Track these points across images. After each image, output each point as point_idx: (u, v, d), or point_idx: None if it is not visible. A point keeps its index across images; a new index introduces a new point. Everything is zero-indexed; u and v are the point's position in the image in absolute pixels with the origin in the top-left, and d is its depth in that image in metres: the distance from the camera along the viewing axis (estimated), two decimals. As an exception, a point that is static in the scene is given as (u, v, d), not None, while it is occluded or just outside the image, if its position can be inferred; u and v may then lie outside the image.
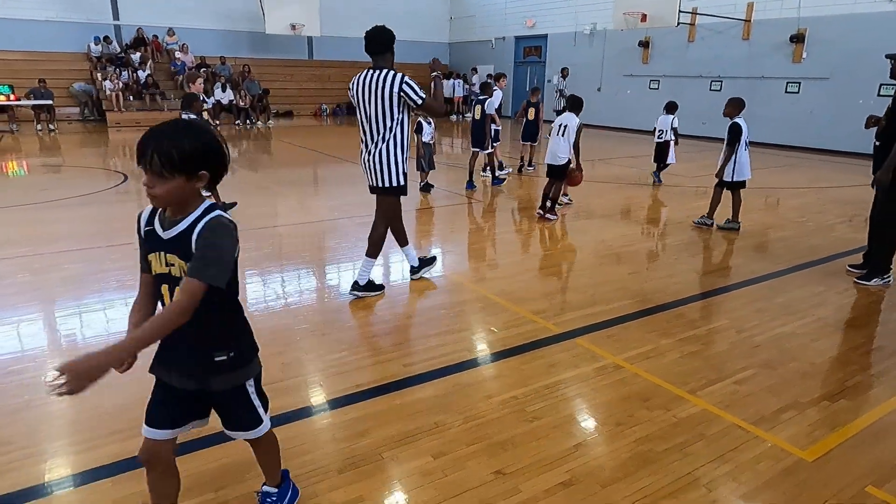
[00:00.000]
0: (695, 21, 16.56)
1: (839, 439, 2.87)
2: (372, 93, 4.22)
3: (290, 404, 3.10)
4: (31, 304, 4.40)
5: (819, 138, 14.42)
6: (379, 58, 4.26)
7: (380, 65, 4.25)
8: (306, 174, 10.80)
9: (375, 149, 4.35)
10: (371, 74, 4.24)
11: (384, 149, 4.33)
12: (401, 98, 4.19)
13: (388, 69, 4.22)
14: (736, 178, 6.74)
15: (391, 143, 4.32)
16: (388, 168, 4.37)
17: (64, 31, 18.60)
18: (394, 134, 4.30)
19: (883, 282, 5.05)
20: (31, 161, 11.59)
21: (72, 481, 2.50)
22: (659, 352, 3.76)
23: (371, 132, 4.35)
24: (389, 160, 4.35)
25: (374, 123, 4.30)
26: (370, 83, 4.22)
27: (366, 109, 4.31)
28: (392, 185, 4.43)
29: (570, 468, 2.61)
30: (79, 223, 6.80)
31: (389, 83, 4.15)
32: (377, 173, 4.41)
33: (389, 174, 4.39)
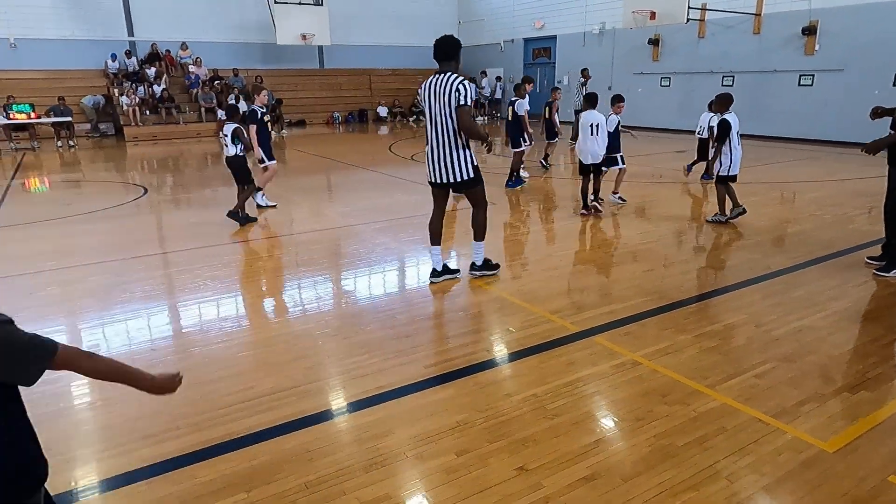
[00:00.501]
0: (704, 17, 16.48)
1: (860, 430, 2.88)
2: (437, 95, 4.53)
3: (315, 407, 3.18)
4: (61, 316, 4.53)
5: (834, 131, 14.26)
6: (444, 63, 4.60)
7: (445, 70, 4.57)
8: (320, 182, 10.93)
9: (440, 149, 4.67)
10: (437, 78, 4.56)
11: (450, 147, 4.64)
12: (455, 94, 4.44)
13: (451, 73, 4.53)
14: (732, 171, 6.80)
15: (455, 141, 4.61)
16: (459, 164, 4.68)
17: (81, 49, 18.98)
18: (458, 132, 4.59)
19: None
20: (54, 177, 11.86)
21: (108, 485, 2.59)
22: (677, 348, 3.79)
23: (436, 132, 4.64)
24: (459, 157, 4.66)
25: (439, 123, 4.60)
26: (435, 86, 4.55)
27: (431, 111, 4.63)
28: (466, 177, 4.74)
29: (592, 463, 2.66)
30: (102, 236, 6.96)
31: (450, 84, 4.46)
32: (451, 171, 4.70)
33: (461, 169, 4.70)
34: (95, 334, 4.20)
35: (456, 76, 4.50)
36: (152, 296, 4.95)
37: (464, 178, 4.73)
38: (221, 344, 3.98)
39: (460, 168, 4.68)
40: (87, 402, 3.27)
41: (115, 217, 8.01)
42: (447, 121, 4.55)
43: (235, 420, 3.01)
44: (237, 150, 7.14)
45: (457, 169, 4.69)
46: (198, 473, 2.61)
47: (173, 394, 1.75)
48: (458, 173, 4.70)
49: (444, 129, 4.59)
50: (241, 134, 7.09)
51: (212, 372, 3.56)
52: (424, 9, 24.95)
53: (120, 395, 3.30)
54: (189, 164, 13.57)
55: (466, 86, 4.45)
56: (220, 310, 4.63)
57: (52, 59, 18.60)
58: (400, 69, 24.91)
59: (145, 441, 2.86)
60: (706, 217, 7.12)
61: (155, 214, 8.36)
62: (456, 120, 4.53)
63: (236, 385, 3.38)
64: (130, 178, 11.55)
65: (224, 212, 7.25)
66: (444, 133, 4.61)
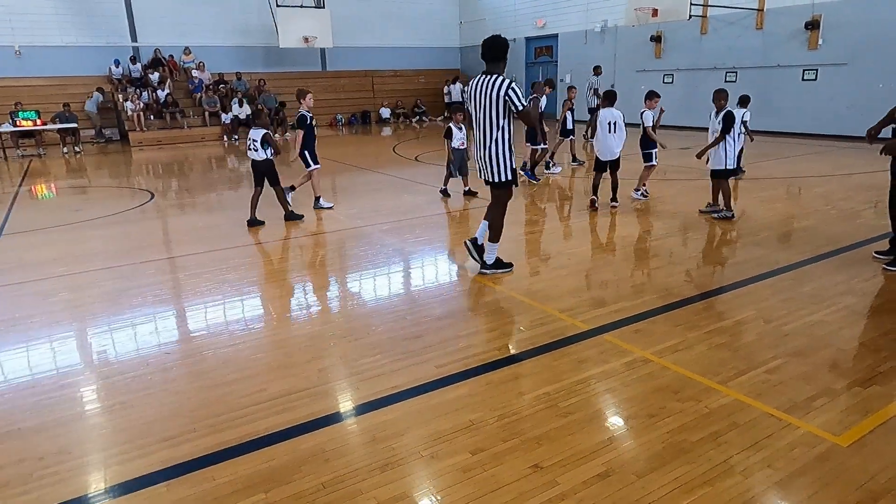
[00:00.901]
0: (707, 13, 16.46)
1: (873, 424, 2.89)
2: (484, 95, 4.68)
3: (330, 408, 3.21)
4: (75, 321, 4.58)
5: (839, 125, 14.22)
6: (492, 65, 4.74)
7: (492, 70, 4.71)
8: (324, 184, 10.95)
9: (485, 148, 4.86)
10: (484, 79, 4.71)
11: (493, 148, 4.82)
12: (506, 102, 4.62)
13: (498, 75, 4.68)
14: (730, 165, 6.87)
15: (500, 142, 4.80)
16: (498, 165, 4.88)
17: (85, 55, 19.09)
18: (502, 133, 4.77)
19: None
20: (61, 183, 11.93)
21: (127, 487, 2.62)
22: (687, 344, 3.80)
23: (482, 131, 4.82)
24: (499, 158, 4.85)
25: (485, 124, 4.77)
26: (482, 86, 4.70)
27: (477, 111, 4.79)
28: (502, 179, 4.93)
29: (606, 460, 2.68)
30: (112, 241, 7.02)
31: (498, 87, 4.61)
32: (490, 169, 4.92)
33: (500, 170, 4.90)
34: (109, 339, 4.24)
35: (503, 80, 4.63)
36: (164, 300, 4.99)
37: (501, 180, 4.94)
38: (234, 346, 4.01)
39: (500, 169, 4.89)
40: (104, 406, 3.31)
41: (123, 222, 8.07)
42: (492, 122, 4.73)
43: (251, 422, 3.05)
44: (267, 154, 7.31)
45: (496, 169, 4.89)
46: (216, 475, 2.64)
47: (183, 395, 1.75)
48: (496, 173, 4.91)
49: (489, 129, 4.77)
50: (270, 139, 7.29)
51: (226, 374, 3.59)
52: (426, 9, 24.98)
53: (137, 398, 3.35)
54: (194, 169, 13.63)
55: (516, 89, 4.62)
56: (232, 313, 4.67)
57: (56, 66, 18.72)
58: (402, 70, 24.95)
59: (163, 443, 2.89)
60: (713, 215, 7.11)
61: (162, 219, 8.41)
62: (506, 121, 4.73)
63: (251, 387, 3.41)
64: (136, 184, 11.61)
65: (230, 215, 7.29)
66: (489, 133, 4.78)
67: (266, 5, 20.86)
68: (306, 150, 7.94)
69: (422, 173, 11.50)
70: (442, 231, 7.17)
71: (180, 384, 3.53)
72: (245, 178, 12.20)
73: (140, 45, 20.11)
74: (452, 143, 8.33)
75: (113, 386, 3.53)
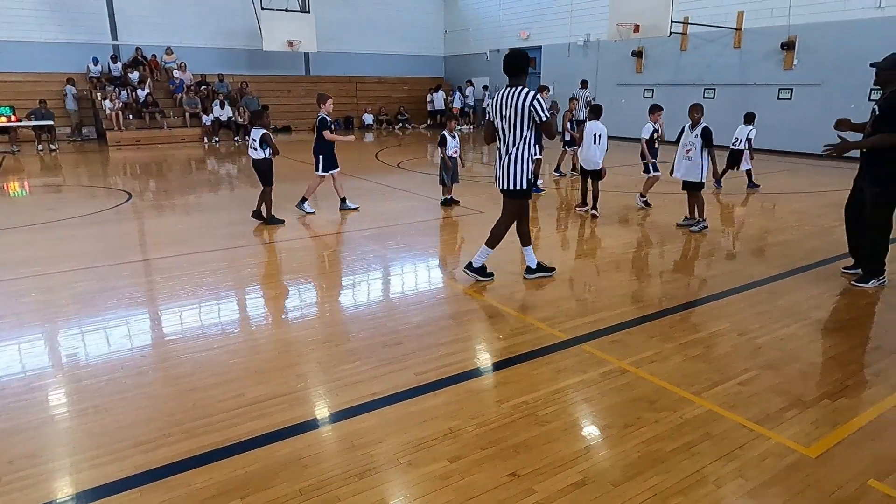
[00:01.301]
0: (687, 31, 16.81)
1: (841, 436, 2.97)
2: (509, 106, 4.80)
3: (308, 414, 3.20)
4: (46, 323, 4.48)
5: (813, 143, 14.47)
6: (515, 78, 4.86)
7: (515, 83, 4.83)
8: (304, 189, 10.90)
9: (507, 156, 4.93)
10: (509, 91, 4.82)
11: (514, 156, 4.91)
12: (531, 112, 4.74)
13: (522, 86, 4.81)
14: (703, 178, 7.07)
15: (521, 151, 4.89)
16: (514, 174, 4.94)
17: (63, 52, 18.78)
18: (525, 144, 4.87)
19: (879, 283, 5.17)
20: (35, 181, 11.70)
21: (100, 492, 2.57)
22: (663, 355, 3.86)
23: (506, 141, 4.93)
24: (517, 167, 4.93)
25: (509, 134, 4.88)
26: (507, 98, 4.81)
27: (502, 121, 4.89)
28: (516, 188, 5.00)
29: (583, 469, 2.70)
30: (86, 241, 6.90)
31: (523, 98, 4.73)
32: (505, 177, 4.99)
33: (515, 179, 4.96)
34: (82, 341, 4.17)
35: (528, 91, 4.75)
36: (139, 302, 4.92)
37: (515, 188, 4.99)
38: (211, 351, 3.97)
39: (516, 178, 4.95)
40: (76, 409, 3.24)
41: (99, 222, 7.94)
42: (517, 132, 4.83)
43: (229, 427, 3.02)
44: (265, 153, 7.43)
45: (513, 178, 4.95)
46: (192, 480, 2.61)
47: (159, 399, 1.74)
48: (512, 182, 4.97)
49: (513, 139, 4.87)
50: (268, 139, 7.41)
51: (203, 379, 3.55)
52: (411, 17, 25.10)
53: (110, 402, 3.29)
54: (173, 170, 13.46)
55: (541, 100, 4.75)
56: (209, 317, 4.62)
57: (33, 62, 18.39)
58: (386, 77, 25.00)
59: (138, 448, 2.85)
60: (692, 228, 7.24)
61: (139, 220, 8.29)
62: (530, 132, 4.83)
63: (228, 392, 3.38)
64: (113, 183, 11.43)
65: (209, 218, 7.22)
66: (513, 143, 4.88)
67: (250, 8, 20.77)
68: (322, 154, 8.02)
69: (404, 180, 11.52)
70: (423, 238, 7.18)
71: (155, 388, 3.48)
72: (224, 181, 12.09)
73: (121, 44, 19.86)
74: (447, 151, 8.34)
75: (86, 389, 3.46)
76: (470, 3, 24.72)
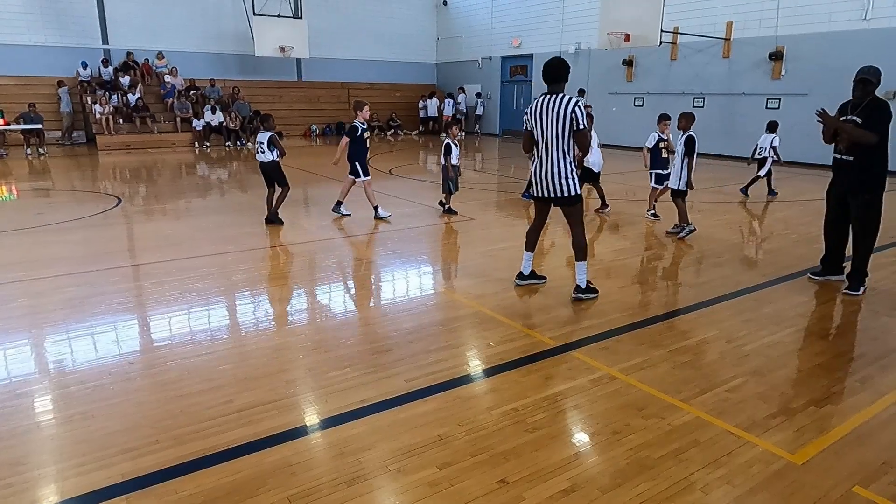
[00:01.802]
0: (676, 40, 16.98)
1: (826, 443, 3.00)
2: (550, 114, 4.73)
3: (296, 421, 3.19)
4: (33, 329, 4.44)
5: (800, 152, 14.75)
6: (555, 85, 4.82)
7: (555, 90, 4.80)
8: (297, 194, 10.89)
9: (549, 165, 4.86)
10: (549, 98, 4.77)
11: (560, 164, 4.84)
12: (572, 119, 4.68)
13: (562, 93, 4.77)
14: (682, 186, 7.19)
15: (566, 158, 4.84)
16: (565, 181, 4.86)
17: (53, 56, 18.68)
18: (569, 150, 4.83)
19: (864, 288, 5.24)
20: (23, 185, 11.61)
21: (86, 500, 2.55)
22: (652, 363, 3.89)
23: (547, 149, 4.85)
24: (565, 174, 4.85)
25: (550, 141, 4.80)
26: (548, 106, 4.75)
27: (543, 129, 4.82)
28: (572, 193, 4.91)
29: (571, 476, 2.71)
30: (75, 247, 6.84)
31: (565, 105, 4.68)
32: (558, 187, 4.89)
33: (568, 185, 4.87)
34: (69, 347, 4.13)
35: (569, 98, 4.70)
36: (128, 308, 4.89)
37: (569, 195, 4.90)
38: (200, 357, 3.95)
39: (566, 185, 4.86)
40: (62, 416, 3.22)
41: (88, 227, 7.88)
42: (559, 140, 4.77)
43: (217, 434, 3.00)
44: (273, 155, 7.55)
45: (563, 185, 4.87)
46: (180, 488, 2.60)
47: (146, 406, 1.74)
48: (563, 189, 4.88)
49: (556, 146, 4.80)
50: (276, 141, 7.57)
51: (191, 385, 3.53)
52: (403, 24, 25.20)
53: (97, 409, 3.27)
54: (164, 175, 13.40)
55: (580, 108, 4.69)
56: (198, 323, 4.60)
57: (23, 66, 18.26)
58: (378, 83, 25.05)
59: (125, 455, 2.83)
60: (679, 234, 7.29)
61: (128, 225, 8.25)
62: (570, 139, 4.77)
63: (217, 398, 3.36)
64: (103, 188, 11.37)
65: (199, 223, 7.20)
66: (555, 150, 4.81)
67: (242, 13, 20.79)
68: (357, 161, 8.00)
69: (395, 187, 11.53)
70: (414, 244, 7.19)
71: (143, 395, 3.46)
72: (215, 186, 12.05)
73: (112, 48, 19.77)
74: (452, 159, 8.28)
75: (72, 396, 3.44)
76: (462, 11, 24.86)
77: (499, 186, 11.20)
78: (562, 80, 4.82)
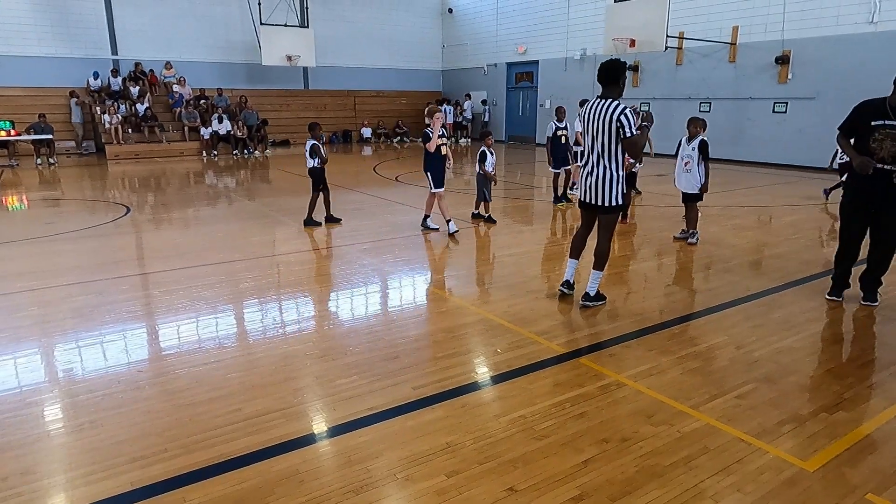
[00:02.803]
0: (682, 45, 16.97)
1: (839, 449, 2.96)
2: (598, 118, 4.66)
3: (304, 429, 3.19)
4: (44, 337, 4.47)
5: (808, 156, 14.70)
6: (608, 88, 4.73)
7: (607, 94, 4.71)
8: (305, 202, 10.93)
9: (597, 171, 4.78)
10: (600, 102, 4.70)
11: (604, 171, 4.74)
12: (618, 126, 4.56)
13: (613, 99, 4.66)
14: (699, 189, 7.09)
15: (613, 166, 4.72)
16: (609, 188, 4.75)
17: (63, 67, 18.90)
18: (615, 157, 4.70)
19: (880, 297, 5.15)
20: (34, 195, 11.72)
21: (96, 508, 2.56)
22: (660, 369, 3.86)
23: (595, 155, 4.78)
24: (611, 182, 4.74)
25: (597, 147, 4.73)
26: (598, 110, 4.68)
27: (592, 133, 4.75)
28: (612, 203, 4.79)
29: (580, 483, 2.70)
30: (84, 256, 6.90)
31: (612, 111, 4.58)
32: (600, 193, 4.78)
33: (611, 194, 4.76)
34: (78, 356, 4.16)
35: (618, 104, 4.59)
36: (137, 316, 4.92)
37: (612, 204, 4.79)
38: (209, 365, 3.96)
39: (611, 193, 4.76)
40: (72, 425, 3.23)
41: (98, 236, 7.94)
42: (606, 146, 4.68)
43: (225, 442, 3.01)
44: (314, 162, 8.05)
45: (607, 193, 4.76)
46: (188, 496, 2.60)
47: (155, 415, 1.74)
48: (608, 198, 4.77)
49: (603, 153, 4.72)
50: (317, 149, 8.03)
51: (200, 394, 3.54)
52: (409, 32, 25.33)
53: (106, 417, 3.28)
54: (172, 183, 13.50)
55: (629, 115, 4.56)
56: (207, 331, 4.62)
57: (33, 77, 18.49)
58: (384, 91, 25.17)
59: (134, 464, 2.84)
60: (689, 241, 7.26)
61: (137, 234, 8.30)
62: (617, 146, 4.66)
63: (225, 407, 3.37)
64: (112, 197, 11.46)
65: (207, 231, 7.23)
66: (602, 157, 4.73)
67: (250, 23, 20.96)
68: (428, 170, 7.72)
69: (402, 194, 11.56)
70: (421, 252, 7.20)
71: (152, 403, 3.47)
72: (223, 194, 12.12)
73: (121, 58, 19.98)
74: (486, 166, 8.29)
75: (82, 404, 3.45)
76: (467, 18, 24.96)
77: (506, 193, 11.20)
78: (615, 82, 4.70)
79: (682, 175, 7.15)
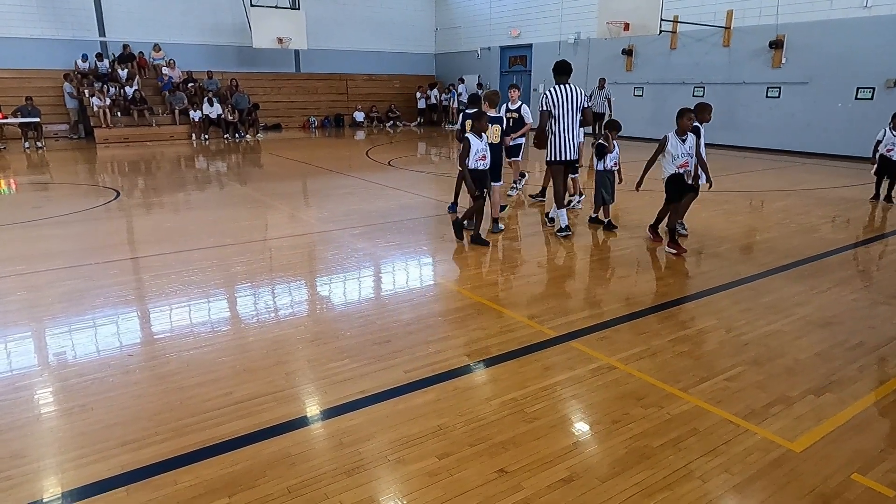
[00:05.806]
0: (676, 29, 16.88)
1: (825, 431, 3.00)
2: (569, 98, 6.67)
3: (296, 412, 3.19)
4: (33, 321, 4.44)
5: (800, 142, 14.73)
6: (563, 77, 6.73)
7: (563, 81, 6.73)
8: (297, 186, 10.88)
9: (572, 135, 6.76)
10: (565, 87, 6.70)
11: (575, 135, 6.80)
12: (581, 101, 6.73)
13: (570, 83, 6.77)
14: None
15: (578, 130, 6.83)
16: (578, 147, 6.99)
17: (51, 49, 18.57)
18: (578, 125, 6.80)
19: None
20: (21, 179, 11.58)
21: (86, 491, 2.56)
22: (651, 352, 3.89)
23: (571, 124, 6.72)
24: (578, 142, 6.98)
25: (572, 118, 6.71)
26: (566, 92, 6.67)
27: (564, 109, 6.66)
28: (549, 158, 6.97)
29: (570, 465, 2.72)
30: (73, 240, 6.84)
31: (578, 91, 6.74)
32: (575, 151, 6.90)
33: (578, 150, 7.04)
34: (68, 340, 4.13)
35: (576, 86, 6.76)
36: (127, 301, 4.89)
37: (578, 157, 7.10)
38: (199, 349, 3.95)
39: (578, 150, 6.97)
40: (62, 409, 3.22)
41: (87, 220, 7.87)
42: (576, 116, 6.70)
43: (216, 425, 3.01)
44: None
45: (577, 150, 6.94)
46: (179, 479, 2.60)
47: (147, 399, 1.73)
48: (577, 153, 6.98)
49: (575, 122, 6.70)
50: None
51: (191, 377, 3.54)
52: (401, 15, 25.05)
53: (96, 401, 3.27)
54: (162, 167, 13.37)
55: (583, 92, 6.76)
56: (197, 315, 4.60)
57: (20, 59, 18.16)
58: (377, 74, 24.93)
59: (124, 447, 2.83)
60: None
61: (127, 218, 8.23)
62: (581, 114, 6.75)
63: (216, 390, 3.37)
64: (101, 181, 11.34)
65: (198, 215, 7.17)
66: (574, 125, 6.70)
67: (240, 4, 20.67)
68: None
69: (395, 178, 11.51)
70: (414, 236, 7.18)
71: (142, 387, 3.46)
72: (213, 178, 12.02)
73: (108, 40, 19.66)
74: (607, 163, 7.17)
75: (72, 388, 3.44)
76: (460, 1, 24.70)
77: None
78: (568, 74, 6.67)
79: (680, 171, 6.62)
